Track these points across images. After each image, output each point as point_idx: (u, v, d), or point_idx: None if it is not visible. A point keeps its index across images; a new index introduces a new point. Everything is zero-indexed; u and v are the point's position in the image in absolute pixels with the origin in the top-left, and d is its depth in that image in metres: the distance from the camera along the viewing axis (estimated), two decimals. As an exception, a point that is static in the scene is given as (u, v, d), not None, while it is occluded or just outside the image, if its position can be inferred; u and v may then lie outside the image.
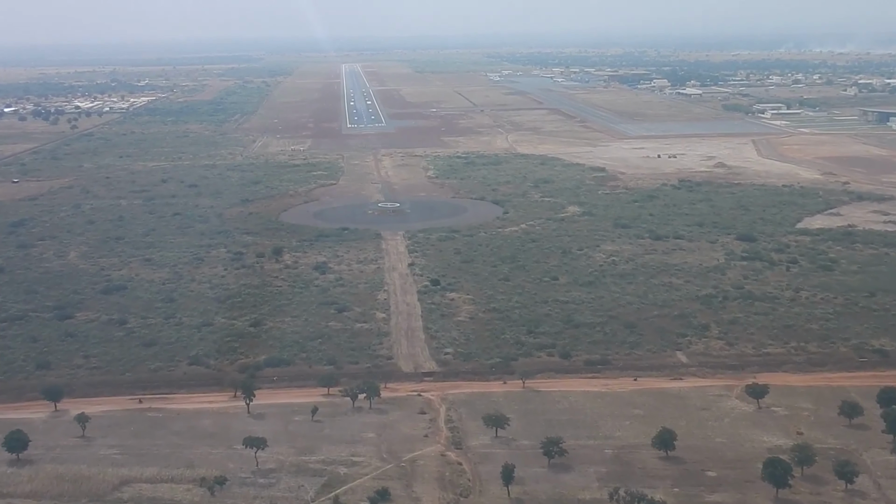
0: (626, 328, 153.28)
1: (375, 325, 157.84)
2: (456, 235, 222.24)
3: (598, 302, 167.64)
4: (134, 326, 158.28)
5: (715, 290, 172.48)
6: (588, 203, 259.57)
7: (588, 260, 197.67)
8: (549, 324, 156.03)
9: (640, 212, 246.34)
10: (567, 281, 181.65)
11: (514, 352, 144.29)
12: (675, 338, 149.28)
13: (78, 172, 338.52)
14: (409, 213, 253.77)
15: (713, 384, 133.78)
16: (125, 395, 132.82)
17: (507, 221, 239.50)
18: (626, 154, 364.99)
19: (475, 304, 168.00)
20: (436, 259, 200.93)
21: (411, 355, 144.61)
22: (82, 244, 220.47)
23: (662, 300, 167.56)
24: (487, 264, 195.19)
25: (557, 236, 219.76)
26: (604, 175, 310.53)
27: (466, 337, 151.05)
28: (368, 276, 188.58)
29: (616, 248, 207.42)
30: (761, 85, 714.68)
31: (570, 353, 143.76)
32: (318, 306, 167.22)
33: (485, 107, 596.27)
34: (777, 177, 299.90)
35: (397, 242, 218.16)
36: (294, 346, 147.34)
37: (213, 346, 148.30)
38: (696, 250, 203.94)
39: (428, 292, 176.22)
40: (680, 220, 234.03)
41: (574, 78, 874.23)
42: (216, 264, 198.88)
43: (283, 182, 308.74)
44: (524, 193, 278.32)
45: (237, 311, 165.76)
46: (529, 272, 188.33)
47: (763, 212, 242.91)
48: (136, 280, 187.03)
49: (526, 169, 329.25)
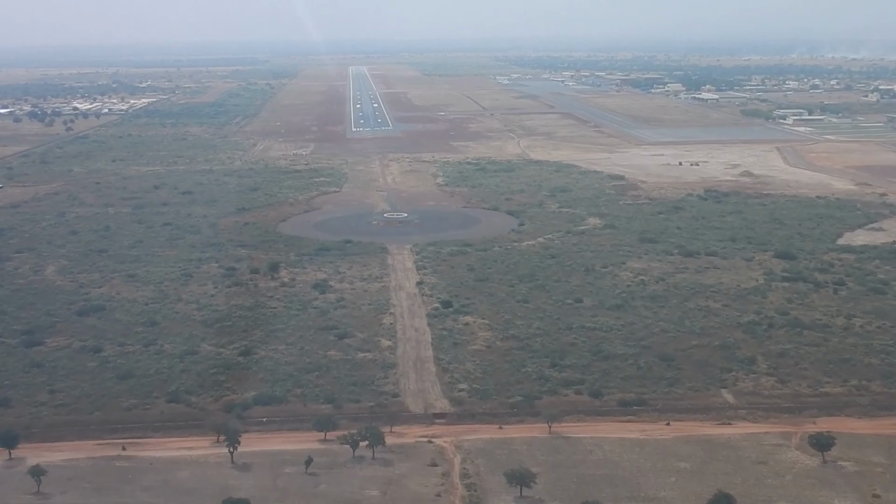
0: (663, 361, 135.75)
1: (380, 354, 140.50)
2: (468, 250, 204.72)
3: (629, 329, 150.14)
4: (109, 355, 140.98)
5: (758, 317, 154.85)
6: (609, 214, 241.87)
7: (614, 279, 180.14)
8: (575, 355, 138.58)
9: (666, 225, 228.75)
10: (592, 303, 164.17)
11: (538, 389, 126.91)
12: (719, 373, 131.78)
13: (67, 177, 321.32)
14: (417, 224, 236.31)
15: (768, 431, 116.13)
16: (92, 439, 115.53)
17: (523, 234, 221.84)
18: (645, 161, 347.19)
19: (492, 330, 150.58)
20: (447, 277, 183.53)
21: (420, 392, 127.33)
22: (62, 257, 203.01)
23: (700, 327, 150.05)
24: (504, 283, 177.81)
25: (579, 252, 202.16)
26: (624, 184, 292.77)
27: (483, 370, 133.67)
28: (373, 295, 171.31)
29: (644, 265, 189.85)
30: (778, 90, 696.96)
31: (602, 391, 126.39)
32: (317, 332, 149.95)
33: (494, 110, 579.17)
34: (808, 187, 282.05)
35: (404, 257, 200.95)
36: (288, 380, 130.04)
37: (196, 379, 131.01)
38: (731, 269, 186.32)
39: (439, 315, 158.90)
40: (710, 235, 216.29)
41: (585, 82, 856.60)
42: (206, 281, 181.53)
43: (283, 189, 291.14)
44: (540, 203, 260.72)
45: (225, 336, 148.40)
46: (550, 293, 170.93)
47: (799, 226, 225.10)
48: (116, 300, 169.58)
49: (541, 176, 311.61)
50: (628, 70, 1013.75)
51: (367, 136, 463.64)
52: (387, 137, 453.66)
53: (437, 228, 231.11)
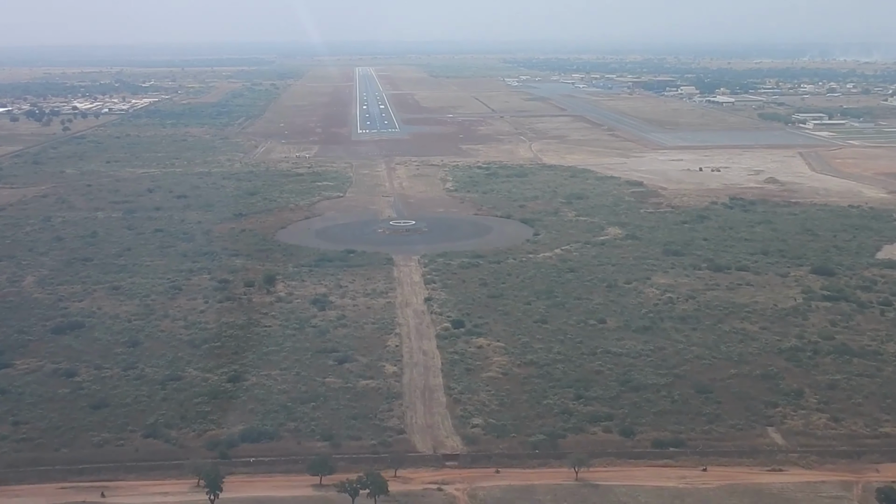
0: (699, 393, 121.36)
1: (384, 382, 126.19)
2: (480, 262, 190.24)
3: (659, 354, 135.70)
4: (84, 380, 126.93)
5: (800, 341, 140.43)
6: (630, 224, 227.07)
7: (639, 296, 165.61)
8: (601, 385, 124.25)
9: (691, 235, 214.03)
10: (617, 324, 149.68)
11: (561, 425, 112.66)
12: (763, 408, 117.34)
13: (58, 179, 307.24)
14: (425, 232, 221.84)
15: (824, 479, 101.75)
16: (56, 481, 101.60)
17: (538, 245, 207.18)
18: (663, 166, 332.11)
19: (508, 355, 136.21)
20: (458, 292, 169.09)
21: (429, 427, 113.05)
22: (43, 266, 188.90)
23: (738, 354, 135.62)
24: (520, 300, 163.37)
25: (599, 265, 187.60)
26: (643, 190, 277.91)
27: (499, 401, 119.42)
28: (377, 313, 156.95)
29: (670, 280, 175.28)
30: (794, 93, 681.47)
31: (633, 428, 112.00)
32: (315, 355, 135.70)
33: (504, 113, 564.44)
34: (838, 195, 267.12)
35: (411, 270, 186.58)
36: (280, 412, 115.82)
37: (178, 409, 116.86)
38: (765, 286, 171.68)
39: (449, 337, 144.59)
40: (740, 247, 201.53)
41: (595, 84, 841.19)
42: (196, 295, 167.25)
43: (284, 194, 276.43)
44: (556, 211, 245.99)
45: (213, 359, 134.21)
46: (570, 311, 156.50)
47: (834, 238, 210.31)
48: (96, 315, 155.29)
49: (555, 182, 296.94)
50: (638, 72, 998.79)
51: (373, 138, 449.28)
52: (393, 140, 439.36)
53: (446, 238, 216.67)
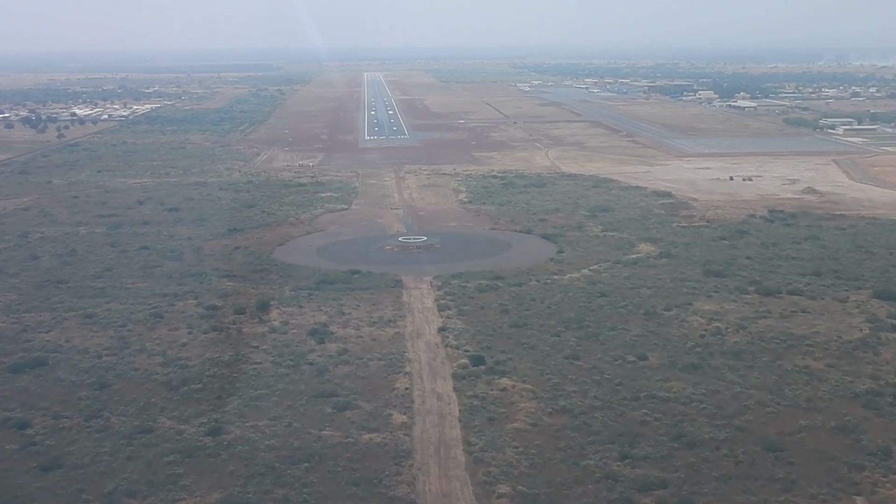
0: (768, 451, 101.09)
1: (391, 436, 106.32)
2: (500, 284, 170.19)
3: (713, 400, 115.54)
4: (37, 432, 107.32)
5: (876, 383, 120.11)
6: (663, 240, 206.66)
7: (681, 326, 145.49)
8: (649, 440, 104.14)
9: (732, 253, 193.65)
10: (661, 361, 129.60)
11: (606, 494, 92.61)
12: (846, 471, 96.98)
13: (43, 190, 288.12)
14: (438, 250, 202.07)
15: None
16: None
17: (563, 265, 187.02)
18: (690, 175, 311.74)
19: (537, 400, 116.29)
20: (476, 321, 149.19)
21: (445, 497, 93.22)
22: (12, 290, 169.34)
23: (806, 399, 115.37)
24: (546, 330, 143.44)
25: (633, 288, 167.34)
26: (673, 202, 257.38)
27: (529, 462, 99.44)
28: (384, 346, 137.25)
29: (715, 307, 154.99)
30: (817, 98, 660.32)
31: (693, 499, 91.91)
32: (311, 400, 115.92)
33: (517, 118, 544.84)
34: (885, 207, 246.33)
35: (423, 293, 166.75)
36: (267, 476, 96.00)
37: (145, 472, 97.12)
38: (824, 313, 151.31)
39: (468, 376, 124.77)
40: (788, 267, 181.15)
41: (610, 89, 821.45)
42: (179, 324, 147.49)
43: (284, 206, 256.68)
44: (580, 225, 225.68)
45: (192, 405, 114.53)
46: (605, 345, 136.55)
47: (891, 255, 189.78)
48: (63, 350, 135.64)
49: (576, 193, 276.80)
50: (651, 77, 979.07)
51: (381, 145, 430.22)
52: (403, 147, 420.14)
53: (461, 256, 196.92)
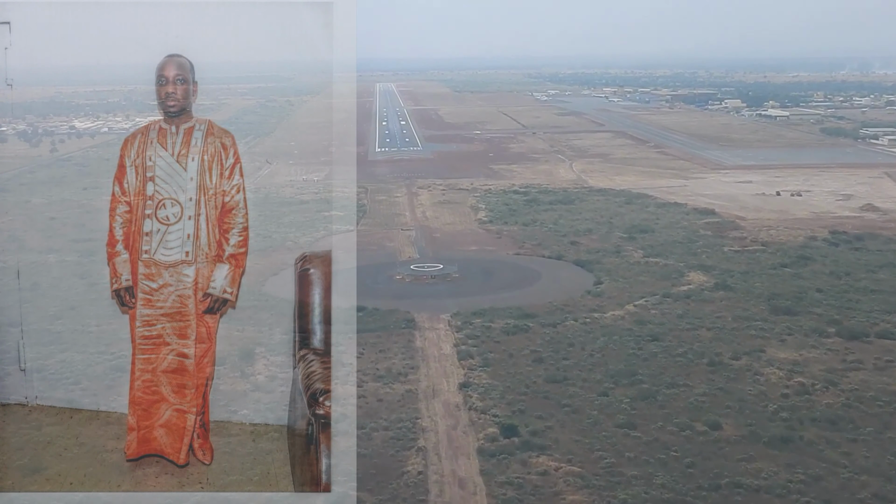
0: (914, 577, 74.10)
1: (401, 552, 79.68)
2: (531, 325, 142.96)
3: (816, 489, 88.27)
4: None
5: None
6: (716, 268, 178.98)
7: (756, 381, 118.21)
8: (749, 558, 77.19)
9: (798, 284, 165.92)
10: (738, 432, 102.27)
11: None
12: None
13: (20, 210, 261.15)
14: (456, 280, 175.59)
15: None
16: None
17: (603, 299, 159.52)
18: (731, 189, 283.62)
19: (587, 488, 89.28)
20: (504, 373, 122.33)
21: None
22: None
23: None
24: (591, 387, 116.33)
25: (690, 329, 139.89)
26: (718, 221, 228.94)
27: None
28: (391, 410, 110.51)
29: (793, 355, 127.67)
30: (850, 106, 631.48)
31: None
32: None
33: (536, 129, 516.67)
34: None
35: (440, 336, 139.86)
36: None
37: None
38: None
39: (498, 453, 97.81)
40: (868, 302, 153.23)
41: (630, 98, 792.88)
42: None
43: (282, 227, 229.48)
44: (617, 249, 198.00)
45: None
46: (665, 408, 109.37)
47: None
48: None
49: (608, 210, 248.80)
50: (671, 86, 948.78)
51: (392, 157, 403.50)
52: (415, 159, 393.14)
53: (483, 287, 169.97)
